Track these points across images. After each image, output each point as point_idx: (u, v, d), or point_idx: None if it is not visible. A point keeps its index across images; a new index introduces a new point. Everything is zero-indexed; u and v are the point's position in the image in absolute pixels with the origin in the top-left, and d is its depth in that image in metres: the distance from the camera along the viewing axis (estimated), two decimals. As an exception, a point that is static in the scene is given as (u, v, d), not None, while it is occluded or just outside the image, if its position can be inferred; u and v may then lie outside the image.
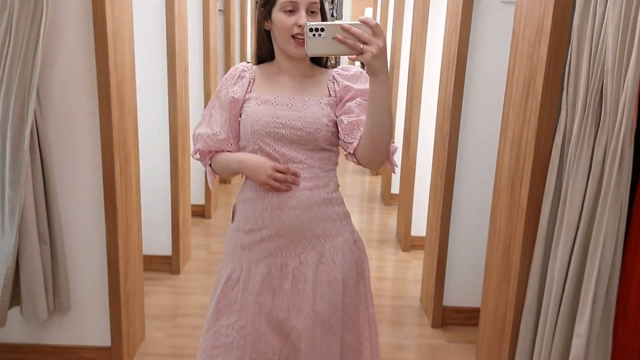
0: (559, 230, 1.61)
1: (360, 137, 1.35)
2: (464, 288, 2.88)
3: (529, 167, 1.71)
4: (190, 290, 3.18)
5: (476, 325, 2.88)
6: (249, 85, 1.44)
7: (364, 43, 1.14)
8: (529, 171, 1.71)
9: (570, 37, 1.58)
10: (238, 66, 1.48)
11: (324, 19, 1.40)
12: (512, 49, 1.90)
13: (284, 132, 1.37)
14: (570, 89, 1.58)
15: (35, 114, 1.98)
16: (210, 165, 1.52)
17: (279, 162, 1.38)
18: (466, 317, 2.91)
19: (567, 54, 1.59)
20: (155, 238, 3.26)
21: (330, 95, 1.43)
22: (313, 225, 1.42)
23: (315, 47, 1.17)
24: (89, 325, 2.30)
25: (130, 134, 2.26)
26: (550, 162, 1.66)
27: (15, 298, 2.14)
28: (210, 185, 1.58)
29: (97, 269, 2.24)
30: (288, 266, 1.42)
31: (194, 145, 1.51)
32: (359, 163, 1.39)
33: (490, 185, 2.65)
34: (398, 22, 4.49)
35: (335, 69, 1.46)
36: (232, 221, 1.52)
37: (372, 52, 1.14)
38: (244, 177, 1.48)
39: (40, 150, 2.03)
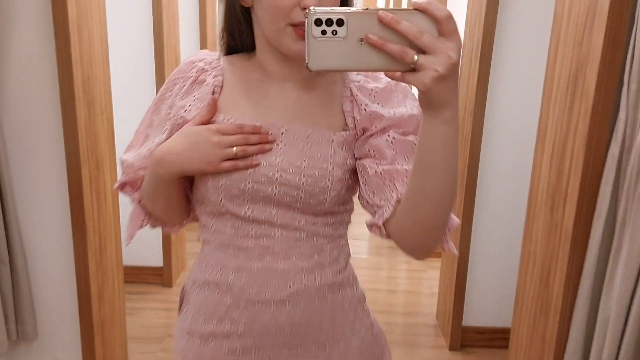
0: (616, 259, 1.31)
1: (398, 202, 0.82)
2: (487, 305, 2.60)
3: (576, 181, 1.39)
4: (182, 305, 2.90)
5: (501, 347, 2.60)
6: (209, 97, 0.90)
7: (422, 51, 0.62)
8: (575, 187, 1.40)
9: (634, 19, 1.26)
10: (194, 60, 0.93)
11: (345, 3, 0.89)
12: (553, 35, 1.57)
13: (270, 190, 0.85)
14: (633, 85, 1.27)
15: (-14, 115, 1.70)
16: (139, 201, 0.98)
17: (262, 230, 0.88)
18: (489, 339, 2.64)
19: (629, 41, 1.27)
20: (144, 247, 2.99)
21: (346, 125, 0.89)
22: (313, 326, 0.92)
23: (324, 55, 0.63)
24: (58, 355, 2.04)
25: (102, 136, 1.98)
26: (604, 176, 1.35)
27: (-29, 326, 1.88)
28: (127, 238, 0.98)
29: (66, 291, 1.99)
30: None
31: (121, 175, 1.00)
32: (388, 237, 0.86)
33: (520, 193, 2.35)
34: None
35: (354, 76, 0.91)
36: (179, 312, 1.01)
37: (436, 70, 0.61)
38: (200, 240, 0.96)
39: (-7, 158, 1.76)
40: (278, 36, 0.82)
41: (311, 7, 0.61)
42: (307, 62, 0.63)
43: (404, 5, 4.85)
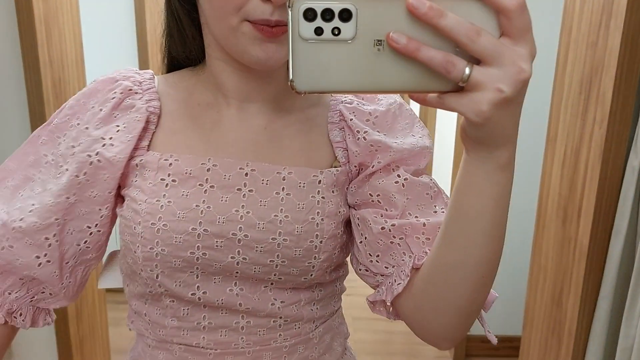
0: (638, 280, 1.19)
1: (414, 270, 0.59)
2: (492, 313, 2.44)
3: (592, 194, 1.28)
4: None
5: (506, 356, 2.51)
6: (143, 131, 0.62)
7: (476, 60, 0.40)
8: (591, 200, 1.28)
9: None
10: (117, 77, 0.65)
11: None
12: (563, 34, 1.45)
13: (230, 258, 0.60)
14: (656, 91, 1.14)
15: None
16: None
17: (220, 319, 0.63)
18: (494, 348, 2.56)
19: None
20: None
21: (337, 161, 0.65)
22: None
23: (319, 68, 0.40)
24: (35, 376, 1.91)
25: (78, 143, 1.84)
26: (623, 190, 1.24)
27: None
28: None
29: None
30: None
31: None
32: (397, 318, 0.63)
33: (525, 200, 2.23)
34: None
35: (342, 96, 0.67)
36: None
37: (501, 91, 0.39)
38: (132, 330, 0.69)
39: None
40: (230, 38, 0.56)
41: None
42: (291, 78, 0.39)
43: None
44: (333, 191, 0.62)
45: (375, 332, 2.71)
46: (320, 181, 0.61)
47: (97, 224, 0.62)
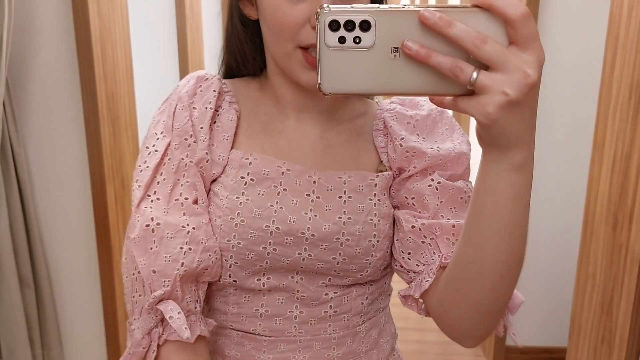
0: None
1: (441, 269, 0.63)
2: (531, 323, 2.47)
3: (644, 199, 1.26)
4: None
5: (546, 370, 2.47)
6: (234, 129, 0.69)
7: (484, 66, 0.44)
8: (643, 205, 1.26)
9: None
10: (207, 77, 0.70)
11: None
12: (609, 38, 1.44)
13: (297, 255, 0.65)
14: None
15: (9, 136, 1.64)
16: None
17: (275, 308, 0.68)
18: (534, 359, 2.47)
19: None
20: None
21: (381, 164, 0.70)
22: None
23: (343, 71, 0.45)
24: (85, 381, 1.97)
25: (127, 154, 1.91)
26: (676, 194, 1.21)
27: (-4, 352, 1.83)
28: None
29: (93, 316, 1.93)
30: None
31: (137, 255, 0.63)
32: (427, 314, 0.67)
33: (567, 207, 2.21)
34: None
35: (387, 104, 0.73)
36: None
37: (506, 94, 0.43)
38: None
39: (18, 180, 1.71)
40: (285, 61, 0.63)
41: (324, 5, 0.43)
42: (319, 81, 0.45)
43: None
44: (384, 194, 0.68)
45: (409, 342, 2.69)
46: (376, 184, 0.67)
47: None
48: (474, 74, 0.43)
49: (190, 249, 0.61)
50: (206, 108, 0.67)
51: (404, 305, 0.68)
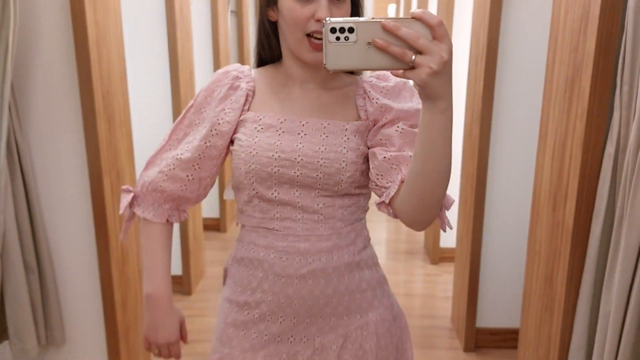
0: (614, 254, 1.35)
1: (402, 183, 0.93)
2: (500, 307, 2.63)
3: (575, 181, 1.44)
4: (203, 312, 2.97)
5: (514, 347, 2.62)
6: (245, 101, 1.03)
7: (418, 52, 0.72)
8: (574, 186, 1.44)
9: (624, 24, 1.31)
10: (229, 70, 1.06)
11: (356, 13, 1.00)
12: (551, 40, 1.62)
13: (293, 172, 0.97)
14: (625, 87, 1.31)
15: (14, 132, 1.79)
16: (134, 216, 1.11)
17: (285, 212, 1.01)
18: (502, 340, 2.67)
19: (621, 45, 1.32)
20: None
21: (360, 118, 1.02)
22: (332, 300, 1.03)
23: (339, 57, 0.74)
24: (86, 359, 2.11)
25: (122, 148, 2.06)
26: (601, 175, 1.39)
27: (3, 332, 1.97)
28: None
29: (92, 299, 2.05)
30: (297, 357, 1.05)
31: (140, 178, 1.10)
32: (395, 216, 0.97)
33: (528, 196, 2.38)
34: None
35: (367, 78, 1.05)
36: (224, 284, 1.15)
37: (431, 67, 0.71)
38: (239, 224, 1.10)
39: (22, 174, 1.85)
40: (297, 45, 0.96)
41: (327, 18, 0.73)
42: (325, 62, 0.74)
43: (414, 7, 4.93)
44: (355, 135, 1.00)
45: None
46: (347, 129, 1.00)
47: (219, 155, 1.05)
48: (413, 57, 0.72)
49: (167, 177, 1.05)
50: (221, 92, 1.03)
51: (379, 210, 0.98)
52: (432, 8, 4.05)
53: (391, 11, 7.89)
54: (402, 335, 1.12)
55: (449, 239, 3.60)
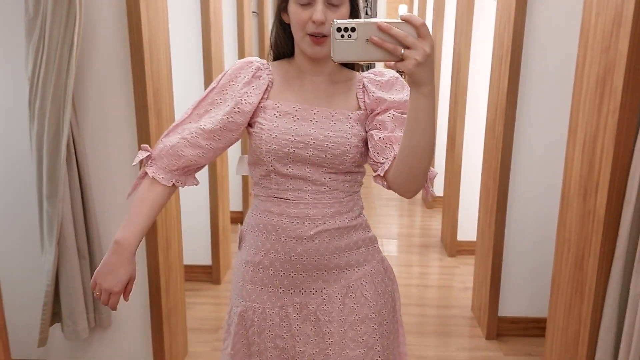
0: (644, 241, 1.44)
1: (394, 158, 1.12)
2: (521, 297, 2.72)
3: (607, 172, 1.54)
4: (231, 301, 3.07)
5: (535, 336, 2.73)
6: (266, 90, 1.19)
7: (406, 47, 0.90)
8: (606, 177, 1.54)
9: (656, 26, 1.41)
10: (252, 61, 1.21)
11: (356, 16, 1.17)
12: (582, 42, 1.72)
13: (306, 153, 1.15)
14: (656, 85, 1.41)
15: (71, 126, 1.90)
16: (145, 175, 1.21)
17: (297, 184, 1.18)
18: (524, 328, 2.76)
19: (652, 46, 1.42)
20: (194, 247, 3.18)
21: (360, 108, 1.20)
22: (335, 256, 1.21)
23: (343, 51, 0.91)
24: (130, 341, 2.22)
25: (168, 143, 2.16)
26: (632, 168, 1.50)
27: (56, 315, 2.08)
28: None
29: (137, 283, 2.16)
30: (308, 306, 1.22)
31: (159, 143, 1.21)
32: (389, 187, 1.16)
33: (550, 188, 2.49)
34: (439, 16, 4.32)
35: (366, 74, 1.23)
36: (239, 248, 1.31)
37: (416, 59, 0.89)
38: (252, 194, 1.27)
39: (77, 163, 1.96)
40: (301, 42, 1.15)
41: (334, 20, 0.91)
42: (332, 56, 0.92)
43: (429, 8, 5.04)
44: (357, 123, 1.18)
45: (411, 315, 2.95)
46: (351, 117, 1.18)
47: (236, 130, 1.18)
48: (402, 51, 0.90)
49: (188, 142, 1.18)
50: (245, 77, 1.18)
51: (374, 182, 1.17)
52: (450, 10, 4.15)
53: (402, 10, 8.18)
54: (393, 286, 1.31)
55: (466, 232, 3.70)
